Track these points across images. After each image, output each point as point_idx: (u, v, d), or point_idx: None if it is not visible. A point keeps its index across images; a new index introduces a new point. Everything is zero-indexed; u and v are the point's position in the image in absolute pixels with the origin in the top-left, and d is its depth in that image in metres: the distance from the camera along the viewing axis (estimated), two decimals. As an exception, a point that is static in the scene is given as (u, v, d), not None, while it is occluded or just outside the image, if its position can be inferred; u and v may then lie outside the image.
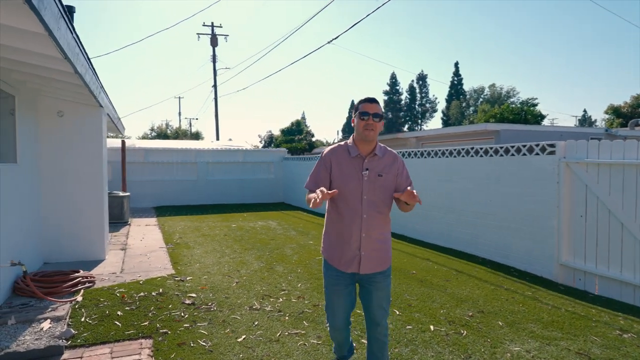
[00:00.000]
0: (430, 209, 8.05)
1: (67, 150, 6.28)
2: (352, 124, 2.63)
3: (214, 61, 32.10)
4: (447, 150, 7.69)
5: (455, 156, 7.49)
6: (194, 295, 4.79)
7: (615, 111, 35.17)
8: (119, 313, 4.22)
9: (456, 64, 69.33)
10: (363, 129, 2.52)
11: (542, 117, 25.31)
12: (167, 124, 51.50)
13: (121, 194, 10.45)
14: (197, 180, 15.19)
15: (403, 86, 75.44)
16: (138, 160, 14.54)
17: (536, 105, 35.78)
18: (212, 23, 30.81)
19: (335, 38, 12.06)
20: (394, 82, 74.70)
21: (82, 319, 4.06)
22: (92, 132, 6.42)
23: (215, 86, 31.63)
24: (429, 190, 8.01)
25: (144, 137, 45.63)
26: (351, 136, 2.70)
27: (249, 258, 6.64)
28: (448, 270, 6.03)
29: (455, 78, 68.58)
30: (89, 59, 4.49)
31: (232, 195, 15.48)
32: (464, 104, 64.88)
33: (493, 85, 63.86)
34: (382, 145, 2.71)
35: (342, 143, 2.68)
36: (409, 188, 2.38)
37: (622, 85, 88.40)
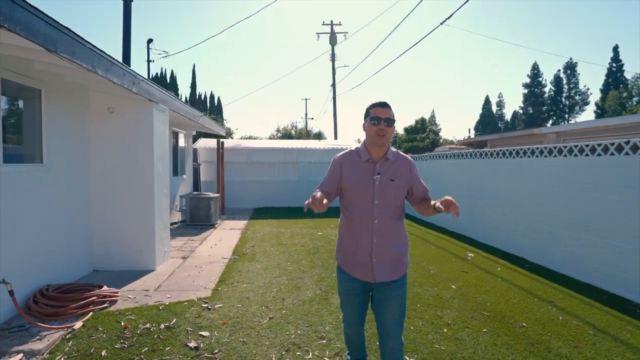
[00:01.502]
0: (555, 224, 5.90)
1: (116, 149, 5.76)
2: (363, 129, 2.54)
3: (333, 60, 31.65)
4: (597, 145, 5.48)
5: (610, 154, 5.26)
6: (205, 334, 3.70)
7: None
8: (103, 353, 3.32)
9: (615, 48, 59.44)
10: (374, 134, 2.43)
11: None
12: (292, 125, 53.19)
13: (212, 195, 10.08)
14: (299, 181, 14.48)
15: (547, 77, 67.38)
16: (241, 161, 14.36)
17: None
18: (332, 21, 30.40)
19: (449, 17, 10.18)
20: (535, 73, 67.48)
21: (59, 357, 3.24)
22: (141, 128, 5.81)
23: (333, 85, 31.16)
24: (554, 199, 5.88)
25: (271, 138, 47.61)
26: (362, 141, 2.59)
27: (308, 281, 5.40)
28: (580, 325, 4.02)
29: (614, 64, 58.94)
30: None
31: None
32: (624, 94, 55.36)
33: (665, 70, 52.85)
34: (394, 149, 2.60)
35: (354, 148, 2.60)
36: (448, 197, 2.17)
37: None
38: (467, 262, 6.44)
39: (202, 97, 70.31)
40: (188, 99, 58.42)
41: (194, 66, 62.66)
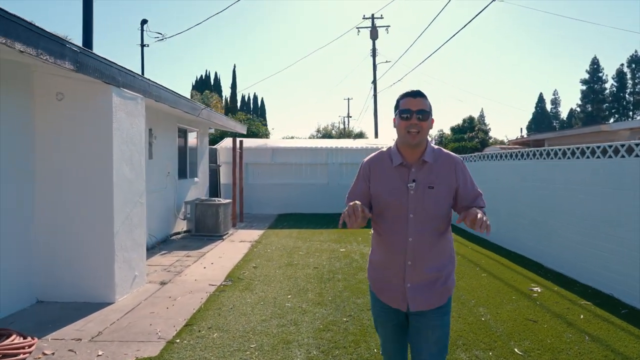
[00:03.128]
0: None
1: (66, 146, 4.49)
2: (393, 125, 2.06)
3: (374, 55, 29.99)
4: None
5: None
6: None
7: None
8: None
9: None
10: (405, 131, 1.95)
11: None
12: (333, 125, 51.79)
13: (221, 201, 8.76)
14: (328, 184, 12.97)
15: (608, 72, 62.48)
16: (265, 162, 13.04)
17: None
18: (373, 15, 28.81)
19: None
20: (595, 68, 62.91)
21: None
22: (96, 120, 4.51)
23: (374, 82, 29.55)
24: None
25: (311, 139, 46.40)
26: (395, 141, 2.10)
27: (305, 330, 3.88)
28: None
29: None
30: None
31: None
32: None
33: None
34: (436, 147, 2.08)
35: (385, 149, 2.11)
36: (477, 214, 1.78)
37: None
38: (534, 301, 4.69)
39: (246, 98, 70.49)
40: (229, 100, 58.36)
41: (234, 66, 62.65)
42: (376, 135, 28.13)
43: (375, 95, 29.00)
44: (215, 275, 5.72)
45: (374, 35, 29.43)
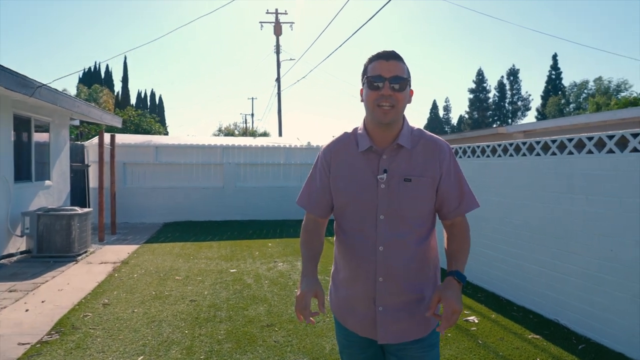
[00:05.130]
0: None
1: None
2: (361, 98, 1.59)
3: (278, 52, 28.95)
4: None
5: None
6: None
7: None
8: None
9: (554, 56, 61.39)
10: (375, 105, 1.49)
11: None
12: (235, 125, 49.68)
13: (75, 210, 6.74)
14: (224, 188, 11.32)
15: (491, 83, 68.75)
16: (148, 161, 11.01)
17: None
18: (276, 10, 27.66)
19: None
20: (480, 78, 68.67)
21: None
22: None
23: (278, 79, 28.53)
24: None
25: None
26: (363, 120, 1.64)
27: None
28: None
29: (553, 72, 60.96)
30: None
31: (268, 209, 11.38)
32: (562, 101, 56.84)
33: (599, 78, 54.76)
34: (415, 127, 1.62)
35: (350, 131, 1.66)
36: (455, 308, 1.43)
37: None
38: (475, 339, 3.65)
39: (142, 95, 65.13)
40: (120, 95, 53.23)
41: (125, 58, 56.79)
42: (280, 134, 27.18)
43: (279, 93, 28.03)
44: (36, 324, 3.91)
45: (277, 31, 28.43)
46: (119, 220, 10.10)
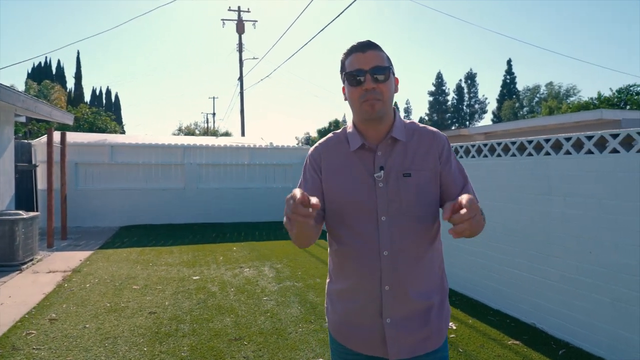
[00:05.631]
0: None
1: None
2: (344, 97, 1.48)
3: (240, 50, 28.49)
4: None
5: None
6: None
7: None
8: None
9: (509, 62, 64.04)
10: (360, 102, 1.39)
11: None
12: (196, 124, 48.49)
13: (20, 214, 6.17)
14: (185, 189, 10.83)
15: (450, 86, 70.70)
16: (103, 161, 10.37)
17: None
18: (239, 7, 27.20)
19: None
20: (440, 82, 70.46)
21: None
22: None
23: (241, 78, 28.09)
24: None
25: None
26: (352, 119, 1.52)
27: None
28: None
29: (508, 76, 63.48)
30: None
31: (232, 211, 10.99)
32: (517, 104, 59.20)
33: (550, 83, 57.53)
34: (407, 120, 1.51)
35: (339, 131, 1.54)
36: (463, 200, 1.16)
37: None
38: (455, 348, 3.52)
39: (97, 92, 62.49)
40: (72, 92, 50.81)
41: (78, 53, 54.07)
42: (243, 134, 26.78)
43: (241, 93, 27.62)
44: (-30, 346, 3.45)
45: (240, 29, 28.01)
46: (70, 224, 9.44)
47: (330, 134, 1.57)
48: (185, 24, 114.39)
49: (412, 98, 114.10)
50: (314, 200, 1.14)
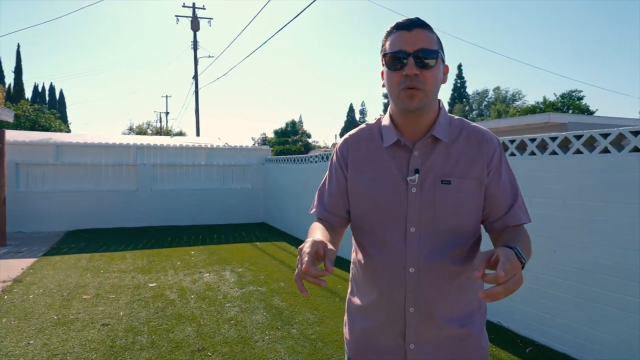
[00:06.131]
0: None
1: None
2: (382, 83, 1.25)
3: (195, 48, 27.87)
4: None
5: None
6: None
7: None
8: None
9: (459, 66, 66.27)
10: (399, 89, 1.17)
11: (591, 112, 20.60)
12: (148, 124, 46.85)
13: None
14: (138, 191, 10.33)
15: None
16: (47, 162, 9.70)
17: (582, 98, 30.47)
18: (194, 4, 26.54)
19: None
20: (394, 83, 71.59)
21: None
22: None
23: (196, 76, 27.45)
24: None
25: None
26: (388, 110, 1.30)
27: None
28: None
29: (459, 81, 65.58)
30: None
31: (189, 214, 10.60)
32: (467, 107, 61.50)
33: (498, 88, 60.31)
34: (455, 116, 1.28)
35: (373, 122, 1.34)
36: (500, 256, 0.96)
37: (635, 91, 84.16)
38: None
39: (39, 88, 59.03)
40: (12, 87, 47.70)
41: (18, 46, 50.69)
42: (198, 134, 26.20)
43: (196, 92, 26.99)
44: None
45: (195, 26, 27.39)
46: (10, 229, 8.74)
47: (362, 125, 1.37)
48: (137, 18, 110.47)
49: (368, 100, 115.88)
50: (330, 253, 1.01)
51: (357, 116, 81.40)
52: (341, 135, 70.30)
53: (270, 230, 9.79)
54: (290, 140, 35.34)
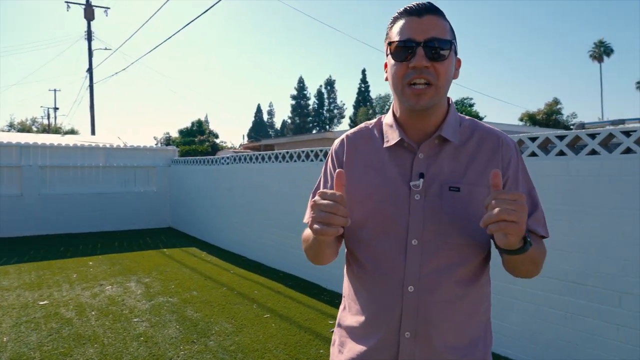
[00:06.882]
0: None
1: None
2: (385, 76, 1.12)
3: (89, 39, 25.79)
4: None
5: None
6: None
7: (530, 118, 35.17)
8: None
9: (363, 71, 69.33)
10: (404, 83, 1.03)
11: (481, 118, 22.64)
12: (33, 120, 42.13)
13: None
14: (23, 196, 9.15)
15: (311, 91, 73.91)
16: None
17: (473, 105, 33.21)
18: (87, -10, 24.52)
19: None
20: (301, 86, 72.83)
21: None
22: None
23: (90, 70, 25.37)
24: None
25: None
26: (391, 106, 1.16)
27: None
28: None
29: (363, 85, 68.55)
30: None
31: (85, 220, 9.64)
32: (370, 111, 64.52)
33: (398, 92, 64.12)
34: (467, 117, 1.15)
35: (374, 120, 1.20)
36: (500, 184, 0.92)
37: (534, 93, 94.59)
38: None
39: None
40: None
41: None
42: (93, 132, 24.27)
43: (91, 86, 24.98)
44: None
45: (89, 14, 25.36)
46: None
47: (362, 124, 1.22)
48: (19, 2, 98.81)
49: (275, 101, 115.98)
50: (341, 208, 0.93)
51: (265, 117, 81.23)
52: (249, 136, 69.35)
53: (179, 236, 9.28)
54: (196, 140, 34.00)
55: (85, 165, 9.89)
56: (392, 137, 1.11)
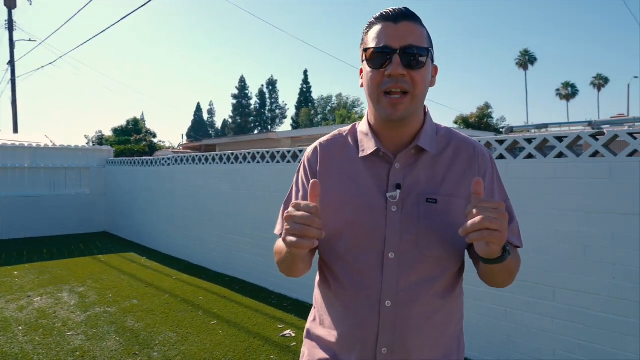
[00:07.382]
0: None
1: None
2: (360, 83, 1.10)
3: (10, 29, 24.04)
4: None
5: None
6: None
7: (464, 121, 37.02)
8: None
9: (305, 72, 69.85)
10: (380, 91, 1.01)
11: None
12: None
13: None
14: None
15: (253, 90, 73.30)
16: None
17: None
18: (6, -25, 22.72)
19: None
20: (243, 85, 72.00)
21: None
22: None
23: (12, 62, 23.55)
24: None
25: None
26: (365, 114, 1.16)
27: None
28: None
29: (305, 85, 68.95)
30: None
31: (8, 225, 8.85)
32: (312, 112, 65.01)
33: (340, 94, 65.39)
34: (442, 125, 1.15)
35: (348, 128, 1.17)
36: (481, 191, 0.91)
37: (468, 98, 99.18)
38: None
39: None
40: None
41: None
42: (15, 130, 22.55)
43: (13, 80, 23.25)
44: None
45: (10, 2, 23.54)
46: None
47: (336, 131, 1.19)
48: None
49: (216, 100, 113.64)
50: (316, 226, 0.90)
51: (205, 116, 79.37)
52: (188, 135, 67.29)
53: (115, 240, 8.78)
54: (132, 140, 32.44)
55: (8, 166, 9.09)
56: (367, 146, 1.09)
